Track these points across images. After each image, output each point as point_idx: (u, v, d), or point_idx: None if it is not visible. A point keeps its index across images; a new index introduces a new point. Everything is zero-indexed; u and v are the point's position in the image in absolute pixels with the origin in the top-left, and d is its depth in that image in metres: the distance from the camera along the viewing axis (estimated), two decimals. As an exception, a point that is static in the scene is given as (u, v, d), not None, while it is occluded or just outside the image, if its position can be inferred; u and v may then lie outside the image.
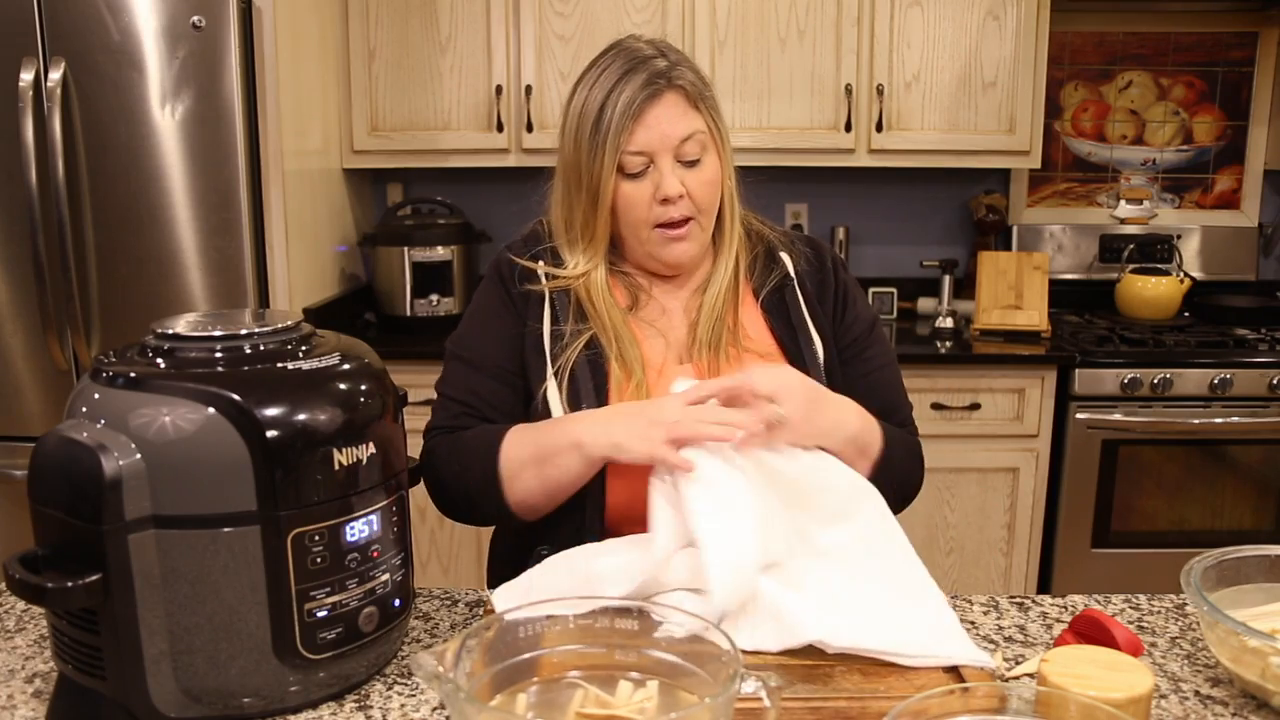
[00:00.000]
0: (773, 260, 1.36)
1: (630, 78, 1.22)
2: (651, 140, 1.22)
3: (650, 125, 1.22)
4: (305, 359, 0.96)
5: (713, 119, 1.26)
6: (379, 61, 2.85)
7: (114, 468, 0.85)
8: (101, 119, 2.32)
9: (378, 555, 0.97)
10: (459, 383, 1.30)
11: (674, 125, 1.22)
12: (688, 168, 1.24)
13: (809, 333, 1.32)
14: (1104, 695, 0.81)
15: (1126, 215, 3.22)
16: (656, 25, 2.79)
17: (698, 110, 1.25)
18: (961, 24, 2.80)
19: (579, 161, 1.25)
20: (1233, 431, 2.63)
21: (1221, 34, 3.16)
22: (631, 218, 1.26)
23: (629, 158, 1.23)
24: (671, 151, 1.23)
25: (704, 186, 1.25)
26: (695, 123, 1.24)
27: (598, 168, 1.23)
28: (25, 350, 2.43)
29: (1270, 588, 1.04)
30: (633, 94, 1.21)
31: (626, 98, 1.21)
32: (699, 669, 0.83)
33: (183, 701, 0.91)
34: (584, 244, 1.29)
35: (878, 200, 3.23)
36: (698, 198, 1.25)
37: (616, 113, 1.21)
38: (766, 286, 1.34)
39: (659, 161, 1.23)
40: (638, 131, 1.22)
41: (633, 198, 1.25)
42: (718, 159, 1.27)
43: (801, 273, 1.35)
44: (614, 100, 1.21)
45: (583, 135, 1.24)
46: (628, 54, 1.25)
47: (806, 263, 1.37)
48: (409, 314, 2.89)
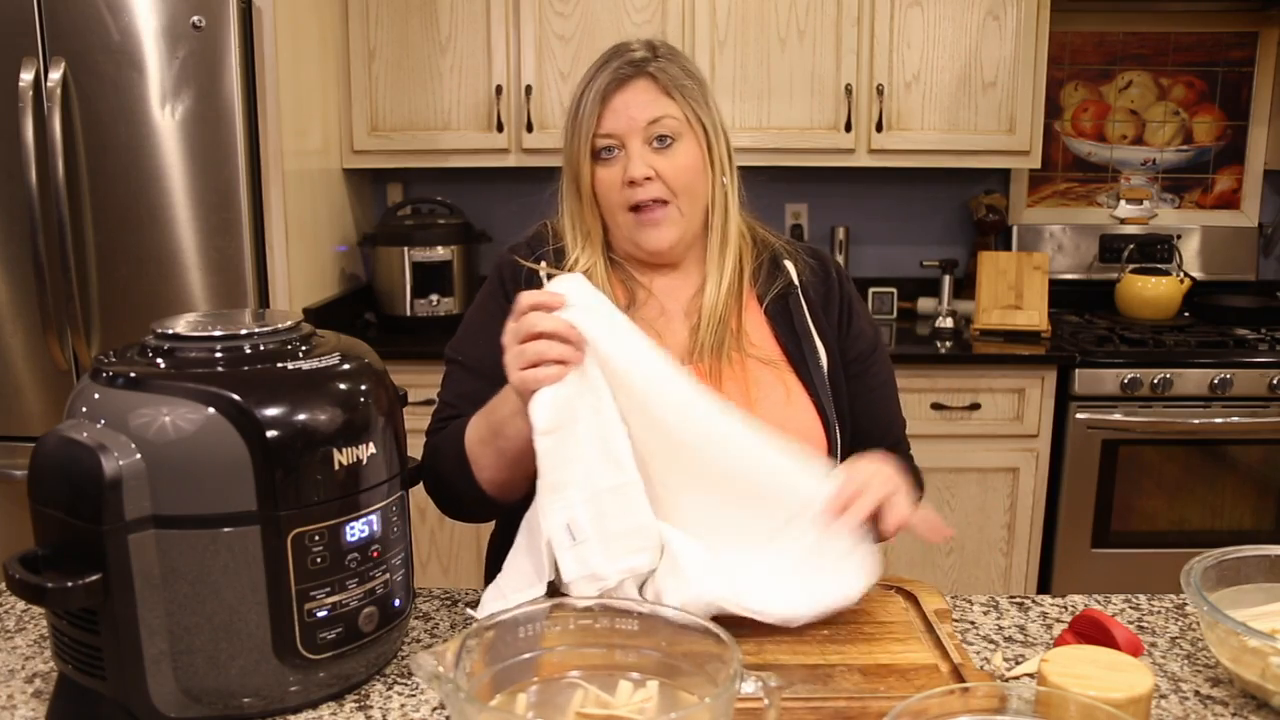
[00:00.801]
0: (777, 268, 1.36)
1: (605, 68, 1.27)
2: (619, 124, 1.26)
3: (617, 109, 1.26)
4: (305, 359, 0.96)
5: (692, 109, 1.28)
6: (379, 61, 2.85)
7: (114, 468, 0.85)
8: (101, 119, 2.32)
9: (378, 555, 0.97)
10: (453, 387, 1.32)
11: (641, 109, 1.26)
12: (659, 152, 1.27)
13: (813, 341, 1.32)
14: (1104, 695, 0.81)
15: (1126, 215, 3.22)
16: (656, 25, 2.79)
17: (670, 98, 1.27)
18: (961, 24, 2.80)
19: (565, 152, 1.31)
20: (1233, 431, 2.63)
21: (1221, 34, 3.16)
22: (607, 202, 1.29)
23: (598, 140, 1.27)
24: (639, 135, 1.26)
25: (678, 171, 1.27)
26: (665, 108, 1.26)
27: (575, 154, 1.28)
28: (25, 350, 2.43)
29: (1270, 588, 1.04)
30: (603, 81, 1.26)
31: (597, 85, 1.27)
32: (699, 669, 0.83)
33: (183, 701, 0.91)
34: (582, 240, 1.32)
35: (878, 200, 3.23)
36: (671, 180, 1.26)
37: (588, 99, 1.27)
38: (771, 293, 1.34)
39: (628, 145, 1.26)
40: (605, 116, 1.26)
41: (605, 181, 1.28)
42: (698, 147, 1.28)
43: (805, 282, 1.36)
44: (588, 89, 1.27)
45: (566, 126, 1.30)
46: (613, 50, 1.30)
47: (811, 272, 1.37)
48: (409, 314, 2.89)
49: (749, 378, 1.27)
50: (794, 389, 1.28)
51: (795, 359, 1.30)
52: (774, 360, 1.30)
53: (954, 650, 1.00)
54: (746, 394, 1.26)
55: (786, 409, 1.26)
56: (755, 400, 1.26)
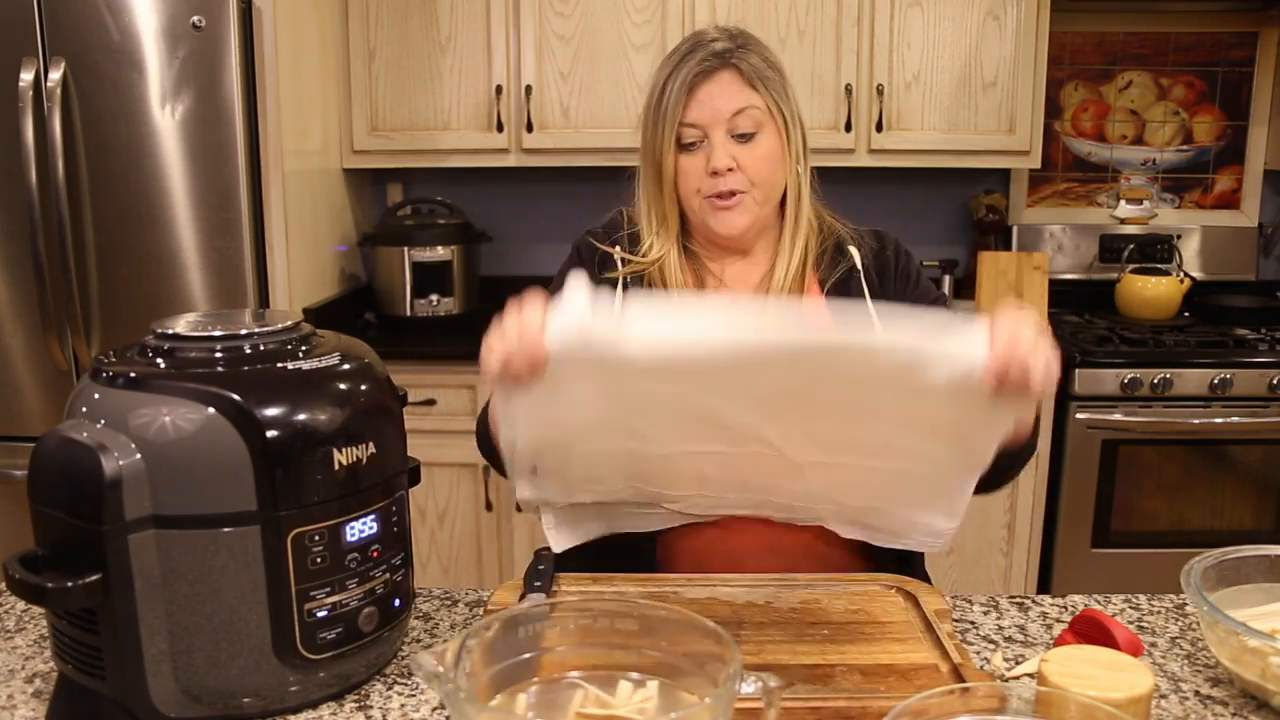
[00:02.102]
0: (840, 253, 1.38)
1: (690, 58, 1.30)
2: (704, 114, 1.28)
3: (703, 100, 1.28)
4: (305, 359, 0.96)
5: (774, 100, 1.30)
6: (379, 61, 2.85)
7: (114, 468, 0.85)
8: (101, 119, 2.32)
9: (378, 555, 0.97)
10: None
11: (726, 100, 1.28)
12: (741, 143, 1.29)
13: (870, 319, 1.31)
14: (1104, 695, 0.81)
15: (1126, 215, 3.22)
16: (656, 25, 2.79)
17: (754, 89, 1.29)
18: (961, 24, 2.80)
19: (646, 140, 1.33)
20: (1233, 431, 2.63)
21: (1221, 34, 3.16)
22: (686, 189, 1.32)
23: (684, 129, 1.29)
24: (723, 126, 1.28)
25: (757, 161, 1.29)
26: (749, 99, 1.29)
27: (659, 142, 1.30)
28: (25, 350, 2.43)
29: (1270, 588, 1.04)
30: (689, 71, 1.29)
31: (683, 75, 1.29)
32: (699, 669, 0.83)
33: (183, 701, 0.91)
34: (658, 226, 1.34)
35: (878, 200, 3.23)
36: (751, 171, 1.29)
37: (674, 89, 1.29)
38: (833, 278, 1.35)
39: (711, 135, 1.29)
40: (691, 106, 1.28)
41: (687, 169, 1.31)
42: (778, 137, 1.31)
43: (867, 265, 1.37)
44: (673, 79, 1.29)
45: (649, 114, 1.32)
46: (694, 39, 1.33)
47: (873, 255, 1.38)
48: (409, 314, 2.89)
49: None
50: None
51: None
52: None
53: (954, 650, 1.00)
54: None
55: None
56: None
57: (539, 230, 3.22)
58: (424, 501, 2.73)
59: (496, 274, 3.19)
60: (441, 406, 2.66)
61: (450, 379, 2.64)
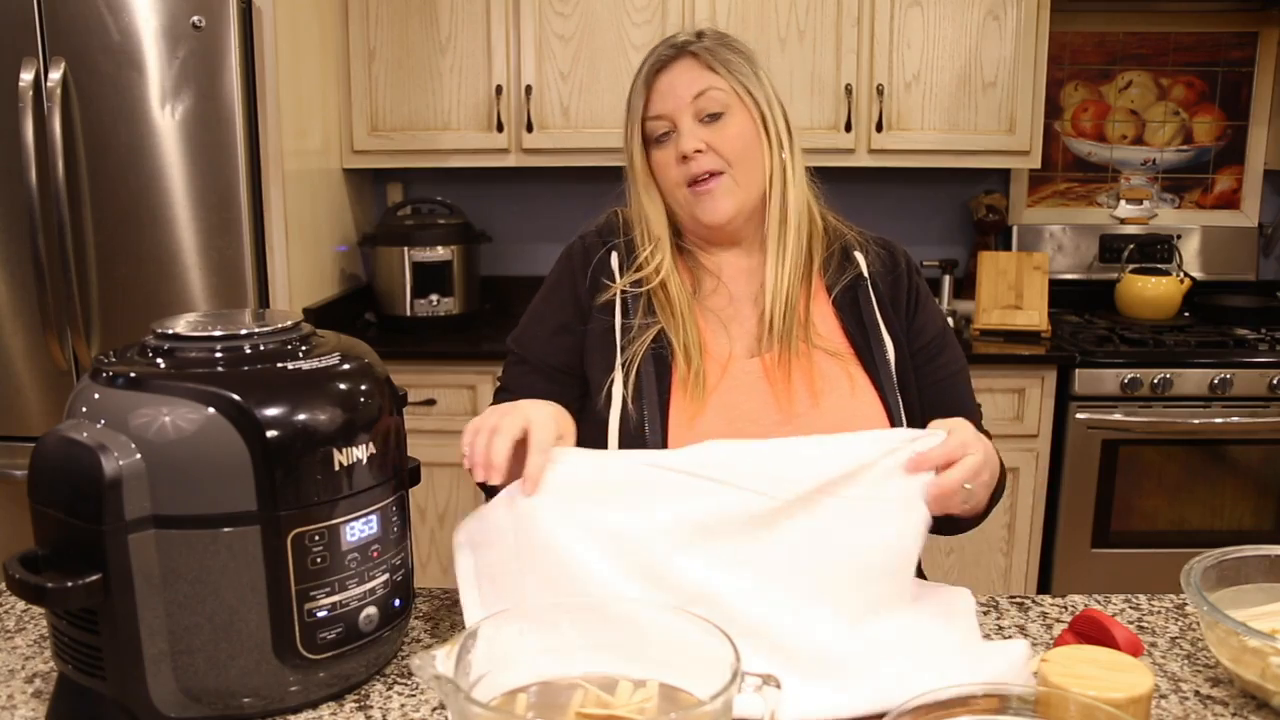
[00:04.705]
0: (847, 259, 1.36)
1: (650, 55, 1.32)
2: (666, 104, 1.29)
3: (664, 90, 1.29)
4: (305, 359, 0.96)
5: (739, 82, 1.29)
6: (379, 61, 2.85)
7: (114, 468, 0.85)
8: (101, 119, 2.32)
9: (378, 555, 0.97)
10: (509, 375, 1.36)
11: (686, 86, 1.28)
12: (709, 125, 1.28)
13: (880, 333, 1.31)
14: (1104, 695, 0.81)
15: (1126, 215, 3.22)
16: (656, 25, 2.79)
17: (714, 71, 1.28)
18: (961, 24, 2.80)
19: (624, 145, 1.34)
20: (1233, 431, 2.63)
21: (1221, 34, 3.16)
22: (667, 184, 1.32)
23: (651, 123, 1.30)
24: (689, 111, 1.28)
25: (729, 140, 1.28)
26: (710, 80, 1.28)
27: (631, 142, 1.32)
28: (25, 350, 2.43)
29: (1270, 588, 1.04)
30: (649, 66, 1.31)
31: (644, 71, 1.31)
32: (699, 670, 0.83)
33: (183, 701, 0.91)
34: (649, 232, 1.34)
35: (878, 200, 3.23)
36: (724, 150, 1.28)
37: (636, 85, 1.31)
38: (840, 284, 1.34)
39: (679, 123, 1.28)
40: (653, 98, 1.29)
41: (661, 162, 1.31)
42: (750, 119, 1.29)
43: (875, 273, 1.35)
44: (636, 77, 1.32)
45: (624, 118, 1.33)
46: (661, 41, 1.34)
47: (880, 263, 1.36)
48: (409, 314, 2.89)
49: (815, 370, 1.27)
50: (859, 382, 1.27)
51: (862, 351, 1.29)
52: (840, 352, 1.29)
53: (954, 650, 1.00)
54: (812, 386, 1.26)
55: (851, 402, 1.25)
56: (820, 393, 1.25)
57: (539, 230, 3.22)
58: (424, 501, 2.73)
59: (496, 274, 3.19)
60: (441, 406, 2.66)
61: (450, 379, 2.65)
